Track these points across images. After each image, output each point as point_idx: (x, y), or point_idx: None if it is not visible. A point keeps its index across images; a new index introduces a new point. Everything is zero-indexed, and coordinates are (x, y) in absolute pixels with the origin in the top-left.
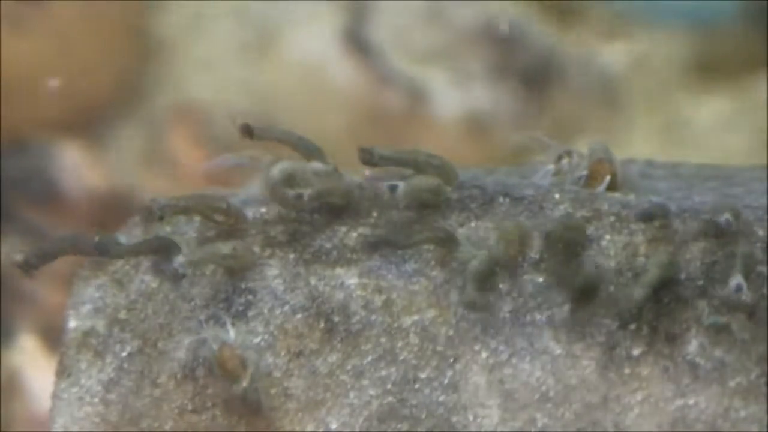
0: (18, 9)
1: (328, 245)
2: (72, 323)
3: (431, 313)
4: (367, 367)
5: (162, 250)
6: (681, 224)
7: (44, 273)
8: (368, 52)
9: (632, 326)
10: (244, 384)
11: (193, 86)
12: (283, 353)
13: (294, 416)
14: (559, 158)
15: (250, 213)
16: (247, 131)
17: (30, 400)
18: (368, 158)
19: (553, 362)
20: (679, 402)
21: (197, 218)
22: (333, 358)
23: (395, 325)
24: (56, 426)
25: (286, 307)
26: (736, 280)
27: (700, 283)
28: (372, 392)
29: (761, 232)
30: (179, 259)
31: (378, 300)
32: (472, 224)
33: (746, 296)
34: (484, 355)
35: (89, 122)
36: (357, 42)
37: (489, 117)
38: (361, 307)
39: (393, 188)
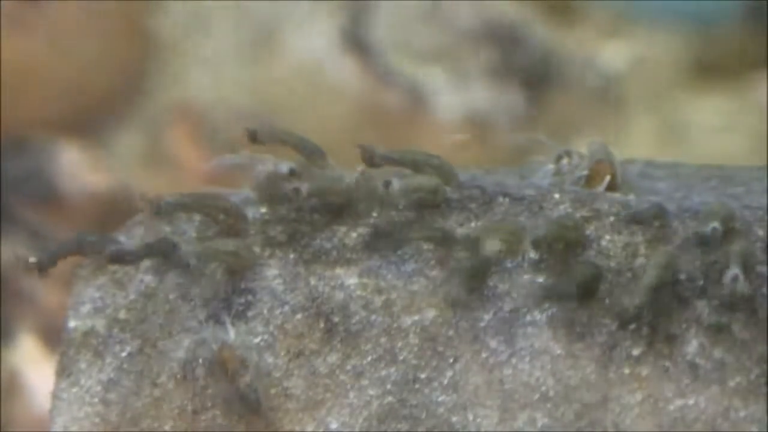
0: (18, 9)
1: (327, 245)
2: (72, 323)
3: (431, 313)
4: (367, 367)
5: (167, 251)
6: (680, 225)
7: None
8: (367, 51)
9: (632, 326)
10: (247, 379)
11: (193, 86)
12: (282, 353)
13: (294, 416)
14: (559, 158)
15: (249, 213)
16: (253, 137)
17: (30, 400)
18: (369, 157)
19: (553, 362)
20: (679, 402)
21: (197, 218)
22: (333, 358)
23: (395, 325)
24: (56, 426)
25: (286, 307)
26: (732, 272)
27: (700, 283)
28: (372, 392)
29: (761, 232)
30: (186, 248)
31: (378, 300)
32: (472, 224)
33: (743, 287)
34: (484, 355)
35: (89, 122)
36: (356, 42)
37: (488, 117)
38: (361, 307)
39: (387, 184)
